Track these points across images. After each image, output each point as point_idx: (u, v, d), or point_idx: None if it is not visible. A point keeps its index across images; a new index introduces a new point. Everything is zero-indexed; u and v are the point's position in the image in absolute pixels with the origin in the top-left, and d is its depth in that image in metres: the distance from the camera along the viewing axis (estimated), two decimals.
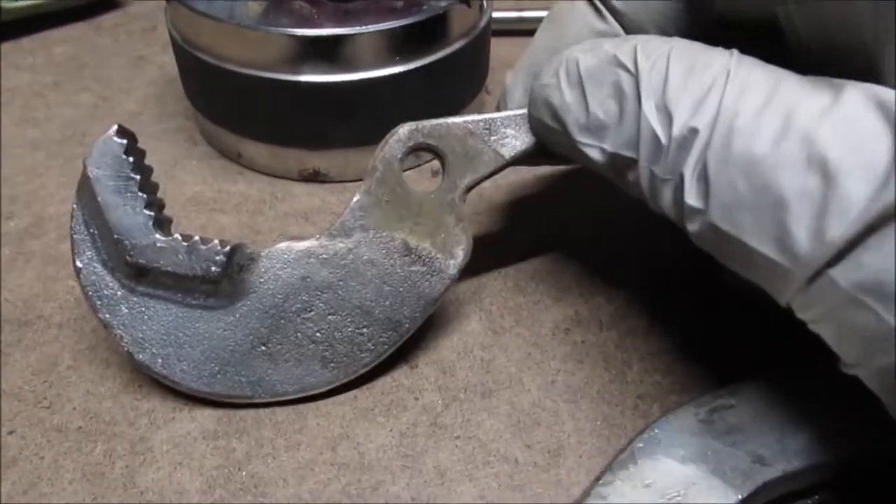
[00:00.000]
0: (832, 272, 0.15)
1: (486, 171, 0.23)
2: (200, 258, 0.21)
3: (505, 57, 0.38)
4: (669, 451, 0.19)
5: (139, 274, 0.22)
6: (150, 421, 0.22)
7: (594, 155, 0.20)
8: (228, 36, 0.28)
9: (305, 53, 0.28)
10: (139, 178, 0.21)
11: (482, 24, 0.32)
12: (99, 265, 0.22)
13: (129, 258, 0.21)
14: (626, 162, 0.19)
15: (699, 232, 0.17)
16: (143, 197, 0.21)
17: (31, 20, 0.42)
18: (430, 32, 0.30)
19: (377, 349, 0.23)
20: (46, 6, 0.42)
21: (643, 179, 0.19)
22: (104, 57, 0.41)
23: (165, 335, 0.22)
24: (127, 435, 0.22)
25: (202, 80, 0.31)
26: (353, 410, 0.23)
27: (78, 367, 0.24)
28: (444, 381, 0.24)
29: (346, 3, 0.30)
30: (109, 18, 0.45)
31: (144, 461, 0.21)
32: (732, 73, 0.17)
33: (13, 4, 0.41)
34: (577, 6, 0.23)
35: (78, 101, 0.37)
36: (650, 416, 0.23)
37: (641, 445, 0.19)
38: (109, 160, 0.21)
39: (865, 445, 0.19)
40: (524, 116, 0.23)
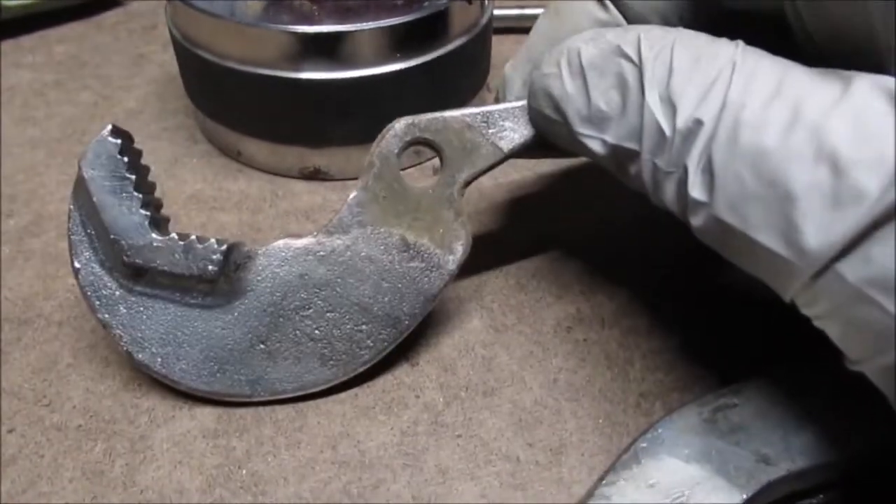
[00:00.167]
0: (839, 267, 0.15)
1: (484, 164, 0.22)
2: (197, 257, 0.21)
3: (506, 54, 0.37)
4: (673, 450, 0.19)
5: (137, 274, 0.22)
6: (150, 419, 0.22)
7: (595, 147, 0.20)
8: (229, 33, 0.28)
9: (306, 50, 0.28)
10: (134, 177, 0.21)
11: (483, 21, 0.32)
12: (97, 265, 0.22)
13: (126, 258, 0.21)
14: (628, 154, 0.19)
15: (703, 226, 0.17)
16: (138, 197, 0.21)
17: (31, 18, 0.42)
18: (430, 29, 0.29)
19: (376, 346, 0.23)
20: (46, 4, 0.42)
21: (645, 172, 0.18)
22: (104, 55, 0.41)
23: (164, 334, 0.22)
24: (127, 433, 0.22)
25: (202, 77, 0.31)
26: (353, 409, 0.23)
27: (78, 365, 0.24)
28: (445, 379, 0.24)
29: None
30: (110, 17, 0.45)
31: (144, 460, 0.21)
32: (738, 64, 0.17)
33: (13, 3, 0.41)
34: None
35: (78, 99, 0.37)
36: (652, 414, 0.23)
37: (645, 445, 0.19)
38: (104, 160, 0.21)
39: (870, 444, 0.19)
40: (523, 108, 0.22)
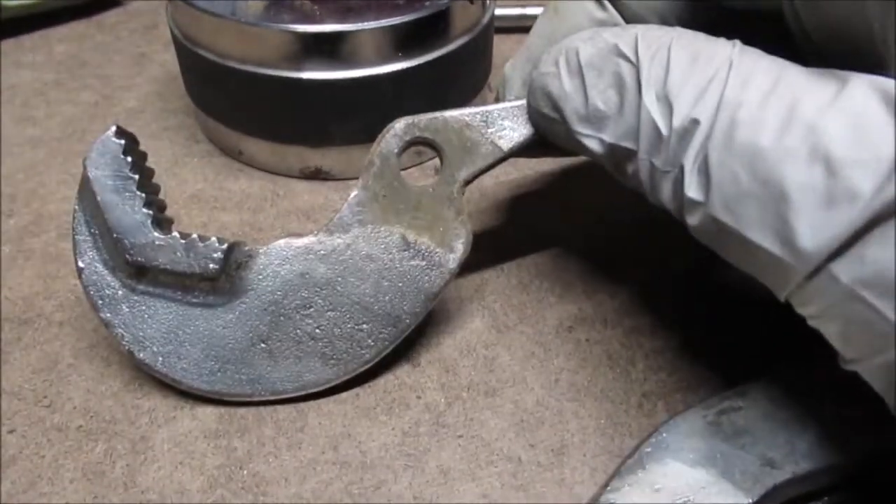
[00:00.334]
0: (833, 267, 0.15)
1: (484, 163, 0.22)
2: (198, 256, 0.21)
3: (507, 54, 0.37)
4: (678, 454, 0.19)
5: (139, 273, 0.22)
6: (150, 420, 0.22)
7: (593, 146, 0.20)
8: (230, 33, 0.28)
9: (307, 50, 0.28)
10: (138, 177, 0.21)
11: (485, 20, 0.32)
12: (100, 265, 0.22)
13: (128, 257, 0.21)
14: (625, 153, 0.19)
15: (699, 225, 0.17)
16: (141, 196, 0.21)
17: (32, 18, 0.42)
18: (432, 29, 0.29)
19: (377, 345, 0.22)
20: (47, 4, 0.42)
21: (642, 171, 0.18)
22: (105, 55, 0.41)
23: (166, 333, 0.22)
24: (128, 434, 0.22)
25: (203, 77, 0.31)
26: (354, 409, 0.23)
27: (78, 365, 0.24)
28: (446, 379, 0.24)
29: None
30: (110, 16, 0.45)
31: (145, 460, 0.21)
32: (735, 63, 0.17)
33: (14, 2, 0.41)
34: None
35: (79, 98, 0.37)
36: (655, 414, 0.22)
37: (650, 450, 0.19)
38: (108, 160, 0.21)
39: (875, 446, 0.19)
40: (522, 107, 0.22)
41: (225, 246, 0.21)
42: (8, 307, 0.26)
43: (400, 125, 0.22)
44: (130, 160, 0.21)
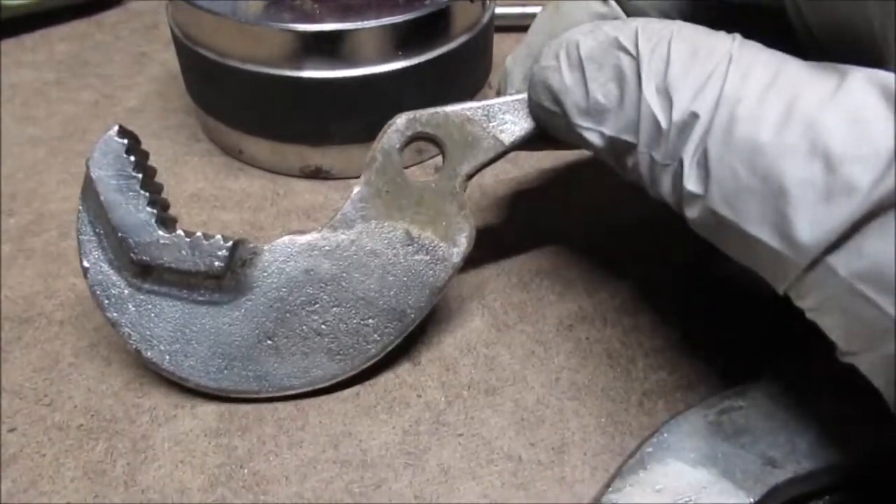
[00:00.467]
0: (831, 260, 0.15)
1: (485, 157, 0.22)
2: (203, 253, 0.21)
3: (508, 53, 0.37)
4: (679, 454, 0.19)
5: (144, 272, 0.22)
6: (151, 418, 0.22)
7: (593, 139, 0.20)
8: (230, 32, 0.28)
9: (307, 49, 0.28)
10: (141, 176, 0.21)
11: (485, 19, 0.32)
12: (105, 265, 0.22)
13: (133, 256, 0.21)
14: (625, 146, 0.19)
15: (698, 218, 0.17)
16: (145, 195, 0.21)
17: (32, 17, 0.42)
18: (432, 28, 0.29)
19: (383, 340, 0.22)
20: (47, 3, 0.42)
21: (642, 165, 0.18)
22: (106, 54, 0.41)
23: (172, 332, 0.22)
24: (128, 433, 0.22)
25: (204, 76, 0.31)
26: (355, 408, 0.23)
27: (79, 364, 0.24)
28: (447, 378, 0.24)
29: None
30: (111, 15, 0.45)
31: (146, 459, 0.21)
32: (735, 57, 0.17)
33: (14, 2, 0.41)
34: None
35: (79, 98, 0.37)
36: (655, 413, 0.22)
37: (651, 450, 0.19)
38: (111, 160, 0.21)
39: (877, 445, 0.19)
40: (523, 101, 0.22)
41: (230, 244, 0.21)
42: (8, 306, 0.26)
43: (401, 120, 0.22)
44: (133, 159, 0.21)
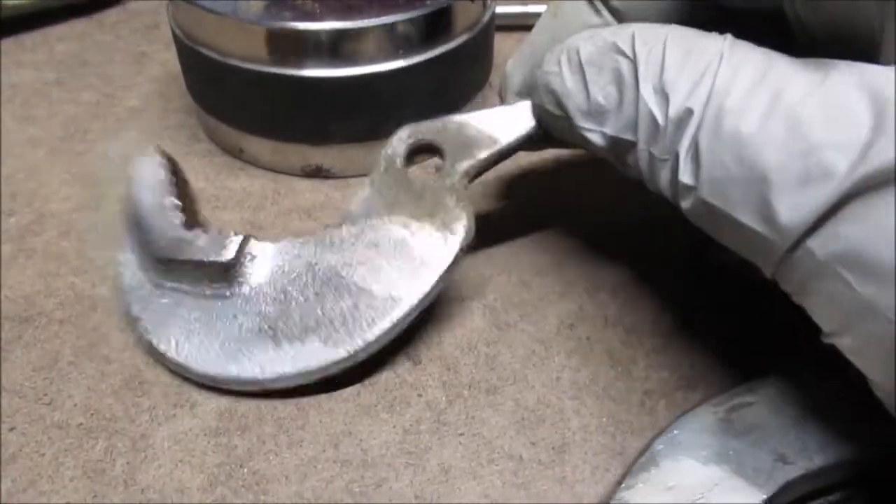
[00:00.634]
0: (810, 242, 0.15)
1: (482, 156, 0.24)
2: (216, 245, 0.23)
3: (508, 52, 0.37)
4: (690, 451, 0.19)
5: (166, 271, 0.24)
6: (151, 418, 0.22)
7: (596, 139, 0.21)
8: (231, 31, 0.28)
9: (308, 48, 0.28)
10: (175, 188, 0.25)
11: (486, 18, 0.32)
12: (136, 268, 0.24)
13: (156, 253, 0.23)
14: (626, 145, 0.20)
15: (691, 208, 0.18)
16: (176, 202, 0.24)
17: (32, 17, 0.42)
18: (433, 27, 0.29)
19: (379, 325, 0.22)
20: (47, 3, 0.42)
21: (642, 161, 0.19)
22: (106, 54, 0.41)
23: (184, 325, 0.23)
24: (128, 432, 0.22)
25: (204, 75, 0.31)
26: (355, 407, 0.23)
27: (79, 363, 0.24)
28: (447, 377, 0.24)
29: None
30: (111, 15, 0.45)
31: (145, 458, 0.21)
32: (726, 55, 0.17)
33: (14, 1, 0.41)
34: (575, 4, 0.23)
35: (80, 98, 0.37)
36: (656, 412, 0.22)
37: (662, 447, 0.19)
38: (149, 173, 0.25)
39: (888, 441, 0.19)
40: (520, 107, 0.24)
41: (240, 238, 0.23)
42: (8, 305, 0.26)
43: (404, 131, 0.24)
44: (170, 174, 0.25)
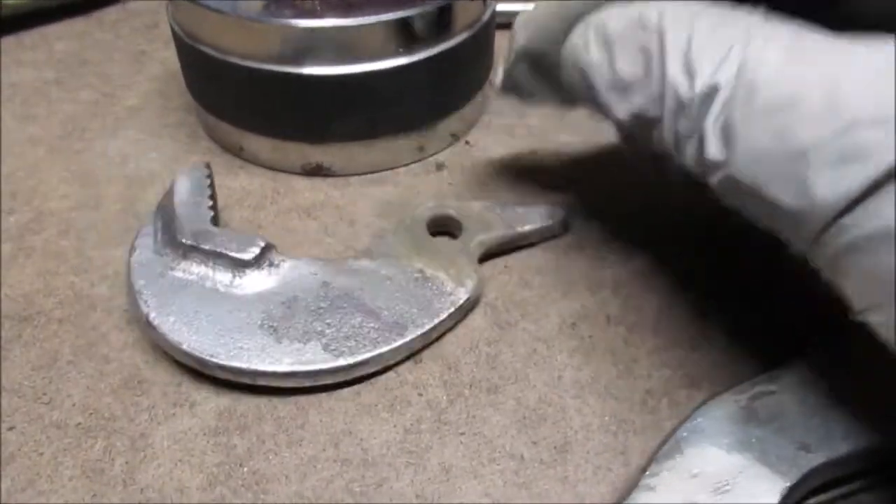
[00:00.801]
0: (847, 220, 0.15)
1: (497, 234, 0.27)
2: (241, 244, 0.24)
3: None
4: (714, 439, 0.19)
5: (184, 257, 0.24)
6: (150, 417, 0.22)
7: (620, 114, 0.20)
8: (230, 29, 0.28)
9: (308, 45, 0.28)
10: (210, 191, 0.26)
11: (486, 16, 0.32)
12: (150, 250, 0.25)
13: (183, 240, 0.24)
14: (651, 120, 0.20)
15: (720, 184, 0.18)
16: (210, 203, 0.26)
17: (31, 15, 0.42)
18: (433, 24, 0.29)
19: (378, 346, 0.23)
20: (47, 1, 0.42)
21: (667, 136, 0.19)
22: (105, 52, 0.41)
23: (187, 309, 0.23)
24: (127, 431, 0.22)
25: (204, 73, 0.31)
26: (356, 406, 0.22)
27: (78, 362, 0.24)
28: (448, 376, 0.23)
29: None
30: (110, 14, 0.45)
31: (145, 458, 0.21)
32: (756, 29, 0.17)
33: (14, 0, 0.41)
34: None
35: (79, 96, 0.37)
36: (658, 411, 0.22)
37: (686, 434, 0.19)
38: (192, 176, 0.27)
39: None
40: (540, 212, 0.28)
41: (264, 243, 0.24)
42: (8, 304, 0.25)
43: (431, 203, 0.28)
44: (208, 177, 0.27)
